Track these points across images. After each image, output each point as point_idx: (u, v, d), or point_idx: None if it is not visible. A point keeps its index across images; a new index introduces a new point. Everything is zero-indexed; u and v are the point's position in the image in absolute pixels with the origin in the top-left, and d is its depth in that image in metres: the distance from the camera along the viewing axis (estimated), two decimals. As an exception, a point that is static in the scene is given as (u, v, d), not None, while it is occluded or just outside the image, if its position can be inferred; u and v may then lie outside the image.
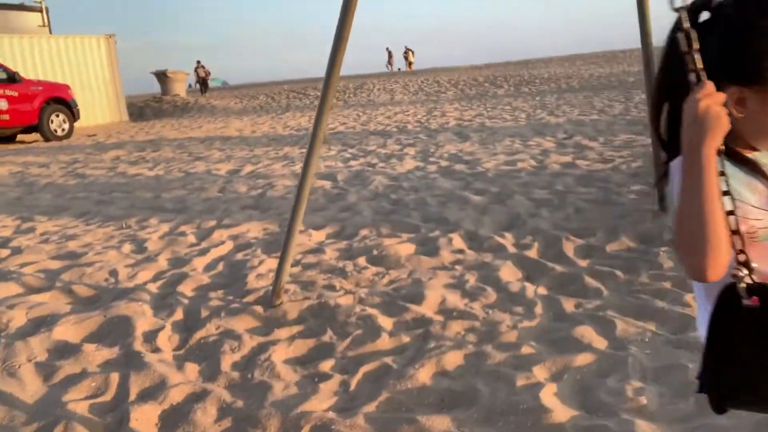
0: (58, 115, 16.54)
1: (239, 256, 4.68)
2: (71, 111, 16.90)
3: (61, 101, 16.72)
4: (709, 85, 1.15)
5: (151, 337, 3.37)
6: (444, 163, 7.95)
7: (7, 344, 3.32)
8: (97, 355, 3.22)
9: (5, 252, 5.20)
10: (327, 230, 5.24)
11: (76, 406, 2.72)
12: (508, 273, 3.93)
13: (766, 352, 1.21)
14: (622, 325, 3.05)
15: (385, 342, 3.15)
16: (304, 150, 10.25)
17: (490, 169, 7.23)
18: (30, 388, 2.92)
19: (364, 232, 5.05)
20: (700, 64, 1.17)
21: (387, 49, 46.90)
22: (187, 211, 6.33)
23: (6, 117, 15.40)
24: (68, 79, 19.77)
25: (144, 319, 3.59)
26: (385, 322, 3.35)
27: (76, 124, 17.49)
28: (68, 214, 6.62)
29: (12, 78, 15.71)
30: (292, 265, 4.34)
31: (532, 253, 4.23)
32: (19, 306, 3.86)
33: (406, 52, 44.62)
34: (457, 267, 4.12)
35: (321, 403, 2.65)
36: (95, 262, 4.70)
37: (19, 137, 16.41)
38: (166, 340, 3.35)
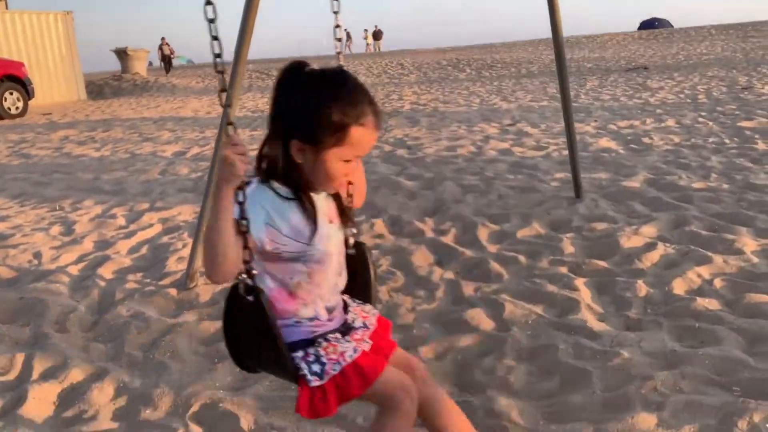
0: (12, 93, 16.27)
1: (165, 239, 4.75)
2: (26, 89, 16.63)
3: (15, 79, 16.44)
4: (233, 138, 1.52)
5: (62, 318, 3.45)
6: (387, 148, 8.06)
7: None
8: (6, 335, 3.29)
9: (-67, 233, 5.20)
10: (257, 214, 5.32)
11: (-23, 386, 2.80)
12: (421, 258, 4.07)
13: (256, 332, 1.66)
14: (510, 308, 3.20)
15: (288, 324, 3.27)
16: (255, 133, 10.31)
17: (429, 155, 7.36)
18: (-67, 368, 2.98)
19: (292, 216, 5.15)
20: (229, 119, 1.54)
21: (345, 30, 46.66)
22: (124, 193, 6.36)
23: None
24: (24, 56, 19.41)
25: (59, 300, 3.66)
26: (292, 304, 3.46)
27: (32, 103, 17.23)
28: (4, 195, 6.60)
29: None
30: (215, 249, 4.44)
31: (448, 239, 4.38)
32: (-64, 287, 3.89)
33: (366, 35, 44.23)
34: (373, 251, 4.25)
35: (215, 382, 2.77)
36: (21, 244, 4.75)
37: (-29, 115, 16.13)
38: (77, 321, 3.43)
